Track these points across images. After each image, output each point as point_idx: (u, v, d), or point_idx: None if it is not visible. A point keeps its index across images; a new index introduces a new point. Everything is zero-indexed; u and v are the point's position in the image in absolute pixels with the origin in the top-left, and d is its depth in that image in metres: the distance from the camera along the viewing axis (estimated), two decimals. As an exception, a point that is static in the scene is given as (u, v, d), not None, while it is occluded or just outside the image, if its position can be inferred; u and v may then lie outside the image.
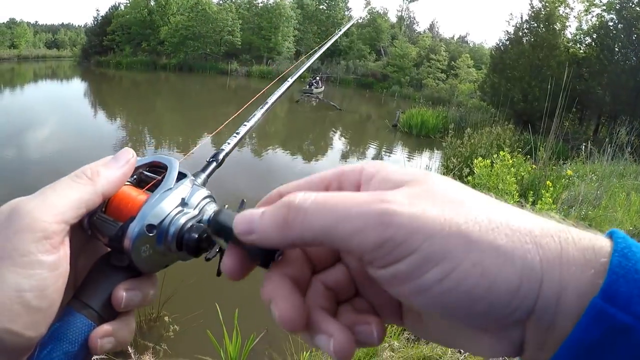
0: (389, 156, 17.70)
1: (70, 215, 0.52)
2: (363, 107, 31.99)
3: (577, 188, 8.73)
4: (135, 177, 0.65)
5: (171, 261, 0.62)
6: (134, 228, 0.54)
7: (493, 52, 26.14)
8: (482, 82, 28.28)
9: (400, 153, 18.56)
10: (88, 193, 0.55)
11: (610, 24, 22.44)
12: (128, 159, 0.61)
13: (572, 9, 23.50)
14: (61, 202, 0.52)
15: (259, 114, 1.05)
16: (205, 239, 0.58)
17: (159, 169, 0.65)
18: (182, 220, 0.57)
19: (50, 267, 0.49)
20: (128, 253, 0.55)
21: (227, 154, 0.88)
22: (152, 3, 60.93)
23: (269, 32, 56.05)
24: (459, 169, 7.44)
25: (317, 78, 39.06)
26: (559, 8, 22.63)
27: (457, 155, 9.07)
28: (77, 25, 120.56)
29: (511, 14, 24.72)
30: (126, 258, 0.56)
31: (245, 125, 0.98)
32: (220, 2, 60.79)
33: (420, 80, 42.53)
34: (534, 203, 5.96)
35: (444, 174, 4.08)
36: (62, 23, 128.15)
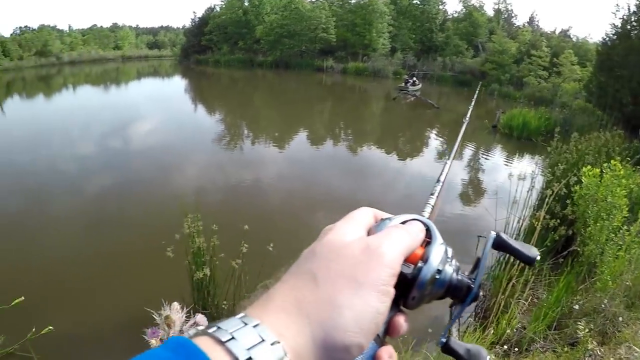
0: (487, 159, 17.31)
1: (403, 257, 0.63)
2: (460, 106, 31.47)
3: (693, 205, 8.21)
4: None
5: (425, 302, 0.68)
6: (426, 272, 0.63)
7: (599, 48, 24.56)
8: (587, 82, 26.82)
9: (499, 156, 18.17)
10: (411, 247, 0.64)
11: None
12: (422, 228, 0.69)
13: None
14: (401, 247, 0.62)
15: (445, 169, 1.22)
16: (466, 289, 0.67)
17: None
18: (451, 270, 0.66)
19: (391, 297, 0.59)
20: (414, 292, 0.64)
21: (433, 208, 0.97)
22: (246, 4, 62.86)
23: (363, 28, 56.02)
24: (564, 177, 7.16)
25: (414, 75, 38.81)
26: None
27: (563, 161, 8.73)
28: (175, 27, 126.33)
29: (617, 4, 23.37)
30: (397, 295, 0.62)
31: (438, 182, 1.11)
32: (313, 0, 61.39)
33: (520, 78, 41.26)
34: (644, 220, 5.66)
35: (549, 181, 4.05)
36: (162, 25, 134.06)
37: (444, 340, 0.68)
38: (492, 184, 12.58)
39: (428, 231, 0.70)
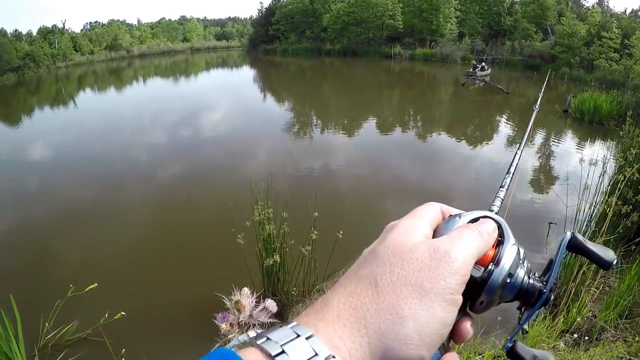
0: (558, 144, 17.07)
1: (474, 260, 0.60)
2: (530, 91, 30.85)
3: None
4: None
5: (492, 306, 0.67)
6: (497, 275, 0.62)
7: (672, 27, 23.77)
8: (660, 63, 26.07)
9: (570, 141, 17.88)
10: (483, 250, 0.62)
11: None
12: (495, 230, 0.66)
13: None
14: (473, 252, 0.59)
15: (515, 160, 1.13)
16: (538, 294, 0.66)
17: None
18: (523, 274, 0.64)
19: (458, 305, 0.57)
20: (483, 296, 0.62)
21: (500, 206, 0.91)
22: (313, -8, 62.46)
23: (429, 14, 55.26)
24: (637, 162, 7.04)
25: (483, 60, 38.31)
26: None
27: (636, 145, 8.58)
28: (243, 18, 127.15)
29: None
30: (465, 298, 0.60)
31: (505, 177, 1.05)
32: (379, -13, 60.99)
33: (591, 61, 40.10)
34: None
35: (621, 166, 4.08)
36: (229, 17, 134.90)
37: (509, 345, 0.68)
38: (563, 169, 12.39)
39: (499, 229, 0.68)
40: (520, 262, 0.65)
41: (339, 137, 17.35)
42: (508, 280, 0.63)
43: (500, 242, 0.66)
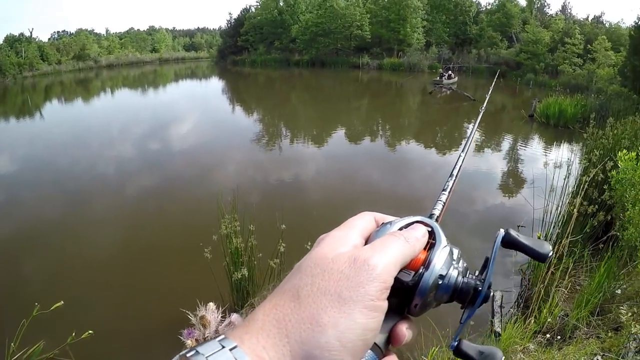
0: (525, 148, 17.26)
1: (397, 268, 0.61)
2: (497, 97, 31.25)
3: None
4: None
5: (430, 308, 0.67)
6: (428, 278, 0.62)
7: (632, 32, 24.24)
8: (622, 66, 26.57)
9: (536, 145, 18.08)
10: (407, 255, 0.62)
11: None
12: (425, 234, 0.67)
13: None
14: (395, 259, 0.60)
15: (460, 161, 1.11)
16: (473, 292, 0.66)
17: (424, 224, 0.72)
18: (456, 274, 0.65)
19: (382, 311, 0.57)
20: (417, 299, 0.63)
21: (442, 211, 0.90)
22: (282, 3, 63.14)
23: (397, 24, 55.98)
24: (601, 162, 7.17)
25: (450, 68, 38.81)
26: None
27: (599, 147, 8.74)
28: (212, 29, 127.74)
29: (649, -13, 22.99)
30: (401, 302, 0.63)
31: (447, 181, 1.04)
32: (347, -3, 61.51)
33: (555, 66, 40.93)
34: (679, 204, 5.66)
35: (586, 167, 4.14)
36: (198, 27, 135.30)
37: (455, 343, 0.68)
38: (530, 173, 12.53)
39: (433, 233, 0.69)
40: (454, 262, 0.66)
41: (309, 147, 17.30)
42: (440, 282, 0.64)
43: (433, 245, 0.67)
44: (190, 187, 12.21)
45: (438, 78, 34.95)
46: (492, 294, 0.78)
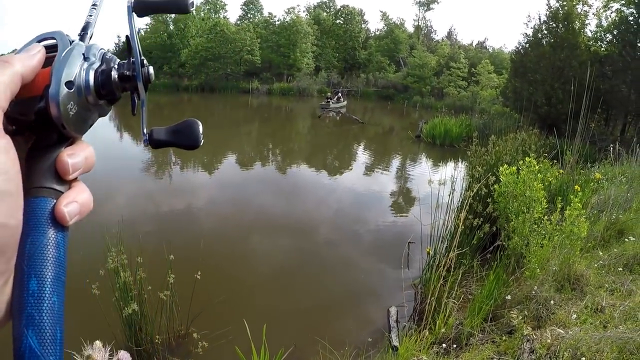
0: (414, 168, 17.63)
1: (1, 100, 0.50)
2: (385, 119, 31.99)
3: (606, 191, 8.62)
4: None
5: (94, 119, 0.62)
6: (54, 90, 0.54)
7: (513, 56, 25.62)
8: (503, 88, 28.00)
9: (424, 164, 18.49)
10: (8, 75, 0.51)
11: (631, 18, 21.49)
12: (39, 49, 0.57)
13: (590, 6, 22.34)
14: None
15: None
16: (118, 80, 0.61)
17: (51, 47, 0.61)
18: (92, 71, 0.58)
19: (3, 150, 0.48)
20: (57, 118, 0.54)
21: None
22: (171, 27, 61.99)
23: (287, 49, 56.69)
24: (484, 177, 7.41)
25: (338, 92, 39.42)
26: (577, 6, 21.85)
27: (483, 163, 9.02)
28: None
29: (529, 15, 24.50)
30: (53, 132, 0.56)
31: None
32: (238, 22, 61.64)
33: (441, 89, 42.61)
34: (562, 209, 5.90)
35: (470, 183, 4.20)
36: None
37: (146, 137, 0.67)
38: (418, 191, 12.83)
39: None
40: (89, 60, 0.59)
41: (199, 175, 16.93)
42: (71, 89, 0.56)
43: None
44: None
45: (325, 102, 35.42)
46: (151, 71, 0.66)
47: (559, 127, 15.82)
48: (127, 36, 0.64)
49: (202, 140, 0.66)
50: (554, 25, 21.98)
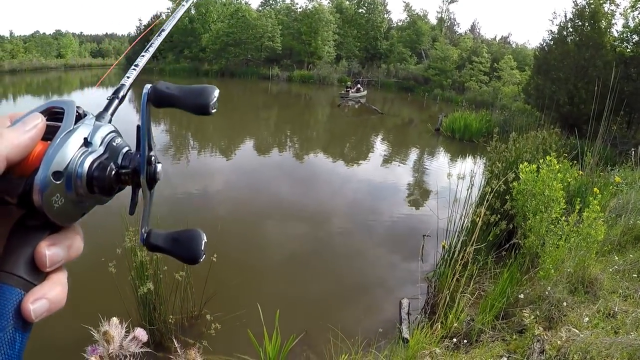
0: (431, 161, 17.57)
1: None
2: (405, 111, 31.89)
3: (625, 196, 8.53)
4: None
5: (89, 207, 0.59)
6: (39, 179, 0.51)
7: (537, 53, 25.21)
8: (526, 85, 27.61)
9: (442, 157, 18.47)
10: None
11: (659, 20, 21.08)
12: (36, 124, 0.54)
13: (617, 5, 21.85)
14: None
15: (156, 42, 0.97)
16: (115, 176, 0.58)
17: (60, 115, 0.59)
18: (89, 161, 0.55)
19: None
20: (40, 208, 0.52)
21: (128, 89, 0.79)
22: (193, 11, 61.89)
23: (308, 36, 56.44)
24: (503, 174, 7.37)
25: (359, 82, 39.24)
26: (604, 5, 21.44)
27: (502, 160, 8.98)
28: (120, 35, 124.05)
29: (554, 12, 24.28)
30: (40, 215, 0.53)
31: (143, 56, 0.88)
32: (260, 8, 61.51)
33: (462, 83, 42.21)
34: (580, 211, 5.85)
35: (488, 179, 4.18)
36: (106, 33, 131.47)
37: (144, 236, 0.63)
38: (435, 184, 12.75)
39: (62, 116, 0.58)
40: (87, 145, 0.56)
41: (217, 159, 16.95)
42: (59, 181, 0.52)
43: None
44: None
45: (344, 91, 35.23)
46: (158, 169, 0.64)
47: (580, 127, 15.63)
48: (138, 126, 0.61)
49: (204, 255, 0.61)
50: (580, 23, 21.50)
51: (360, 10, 63.00)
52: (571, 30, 21.97)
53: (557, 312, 5.03)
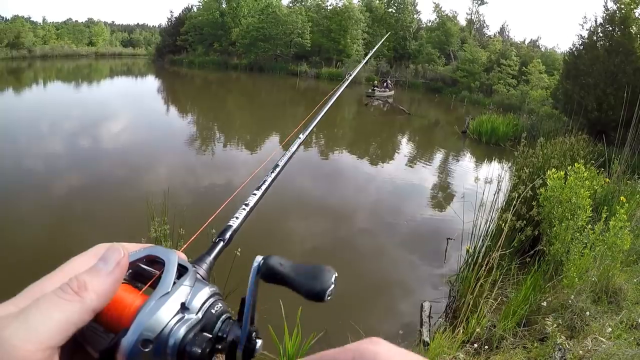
0: (457, 163, 17.47)
1: (56, 340, 0.44)
2: (432, 112, 31.76)
3: (653, 206, 8.41)
4: (130, 270, 0.58)
5: None
6: (126, 343, 0.48)
7: (566, 58, 24.95)
8: (554, 89, 27.37)
9: (468, 160, 18.37)
10: (77, 313, 0.46)
11: (690, 28, 20.68)
12: (118, 260, 0.51)
13: None
14: (45, 326, 0.43)
15: (269, 180, 0.99)
16: (209, 353, 0.52)
17: (157, 260, 0.58)
18: (183, 331, 0.51)
19: None
20: None
21: (235, 231, 0.78)
22: (224, 5, 62.38)
23: (338, 34, 56.33)
24: (530, 180, 7.32)
25: (387, 81, 39.13)
26: (635, 10, 21.24)
27: (529, 165, 8.90)
28: (151, 26, 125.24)
29: (585, 16, 23.97)
30: None
31: (254, 194, 0.92)
32: (290, 4, 61.63)
33: (490, 85, 41.89)
34: (607, 219, 5.79)
35: (515, 184, 4.15)
36: (138, 23, 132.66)
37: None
38: (461, 187, 12.67)
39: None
40: (184, 310, 0.52)
41: (242, 152, 17.02)
42: (147, 349, 0.48)
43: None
44: (119, 187, 11.71)
45: (370, 90, 35.11)
46: (258, 345, 0.56)
47: (609, 134, 15.41)
48: (242, 298, 0.57)
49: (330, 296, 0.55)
50: (610, 28, 21.18)
51: (390, 10, 62.87)
52: (601, 35, 21.54)
53: (579, 322, 4.99)
